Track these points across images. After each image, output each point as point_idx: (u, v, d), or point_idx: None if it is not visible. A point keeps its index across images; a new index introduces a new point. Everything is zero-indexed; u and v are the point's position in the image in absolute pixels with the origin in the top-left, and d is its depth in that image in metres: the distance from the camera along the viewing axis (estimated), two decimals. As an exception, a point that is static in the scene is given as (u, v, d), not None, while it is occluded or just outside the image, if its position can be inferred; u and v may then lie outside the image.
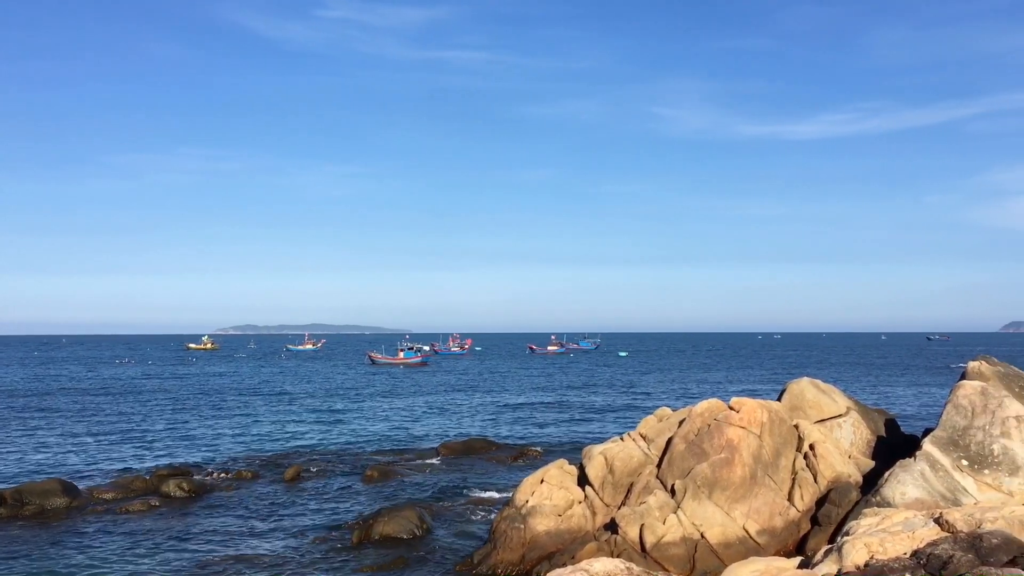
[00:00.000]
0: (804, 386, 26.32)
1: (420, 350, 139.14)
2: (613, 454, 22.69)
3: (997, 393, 23.32)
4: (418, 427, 50.29)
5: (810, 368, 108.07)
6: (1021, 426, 22.52)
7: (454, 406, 62.98)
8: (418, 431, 48.41)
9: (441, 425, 51.26)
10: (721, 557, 19.16)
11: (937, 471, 21.55)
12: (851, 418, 25.61)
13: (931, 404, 57.35)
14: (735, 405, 22.95)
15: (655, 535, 19.66)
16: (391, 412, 58.59)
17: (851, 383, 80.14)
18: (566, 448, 39.68)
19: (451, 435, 45.41)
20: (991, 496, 20.94)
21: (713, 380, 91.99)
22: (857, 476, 22.75)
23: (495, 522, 22.10)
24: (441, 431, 48.14)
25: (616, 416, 55.53)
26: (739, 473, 21.17)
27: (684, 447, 21.98)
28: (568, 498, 21.84)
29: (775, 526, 20.86)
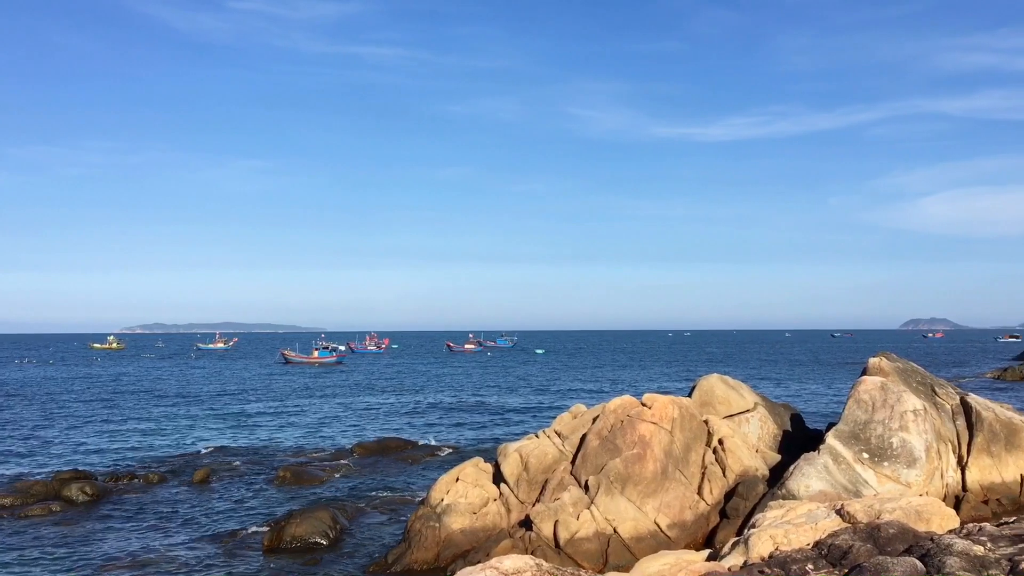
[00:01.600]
0: (714, 382, 26.92)
1: (336, 349, 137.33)
2: (528, 451, 22.80)
3: (896, 388, 24.25)
4: (332, 427, 49.65)
5: (720, 365, 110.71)
6: (918, 420, 23.47)
7: (370, 406, 62.39)
8: (332, 431, 47.79)
9: (356, 425, 50.72)
10: (633, 551, 19.44)
11: (839, 464, 22.30)
12: (759, 413, 26.28)
13: (835, 399, 59.28)
14: (647, 401, 23.32)
15: (569, 531, 19.84)
16: (305, 412, 57.70)
17: (759, 379, 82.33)
18: (482, 446, 39.72)
19: (366, 435, 44.96)
20: (890, 487, 21.77)
21: (626, 377, 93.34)
22: (764, 470, 23.36)
23: (410, 521, 21.97)
24: (356, 431, 47.63)
25: (532, 413, 55.85)
26: (651, 468, 21.52)
27: (598, 443, 22.23)
28: (483, 496, 21.86)
29: (685, 520, 21.27)
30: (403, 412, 57.80)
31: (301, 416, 55.27)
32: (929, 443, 22.98)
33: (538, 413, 55.73)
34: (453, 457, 36.23)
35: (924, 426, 23.17)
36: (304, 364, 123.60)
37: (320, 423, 51.48)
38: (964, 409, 25.71)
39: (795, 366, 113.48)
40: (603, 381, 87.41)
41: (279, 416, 55.31)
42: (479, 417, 54.44)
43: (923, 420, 23.30)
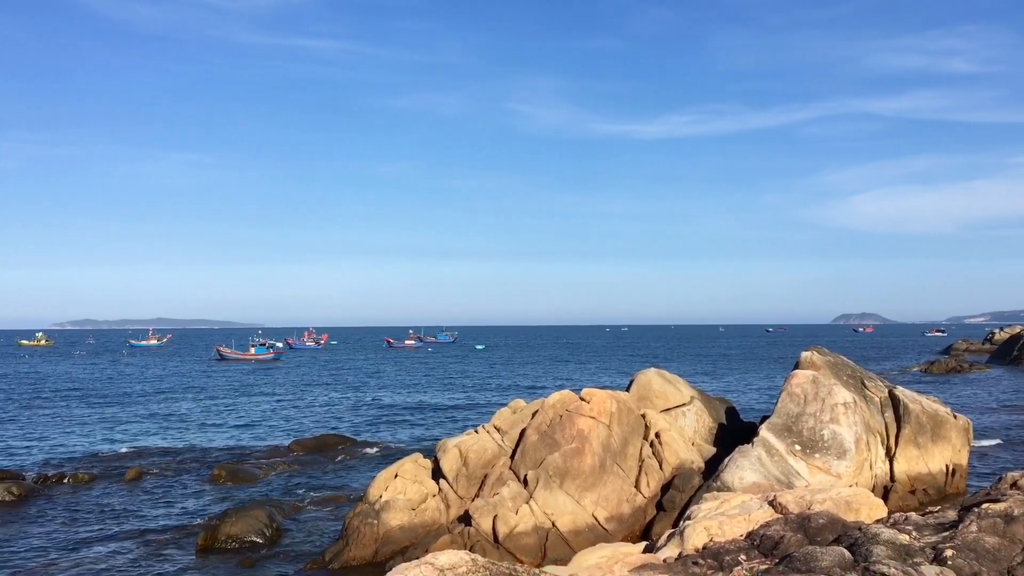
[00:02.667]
0: (651, 377, 27.23)
1: (273, 345, 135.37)
2: (467, 447, 22.79)
3: (827, 381, 24.82)
4: (269, 424, 48.96)
5: (657, 359, 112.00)
6: (848, 412, 24.06)
7: (308, 402, 61.68)
8: (269, 429, 47.13)
9: (294, 422, 50.09)
10: (571, 544, 19.57)
11: (773, 456, 22.75)
12: (695, 407, 26.67)
13: (769, 393, 60.43)
14: (586, 396, 23.49)
15: (508, 525, 19.88)
16: (241, 410, 56.78)
17: (695, 373, 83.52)
18: (422, 443, 39.57)
19: (304, 432, 44.42)
20: (821, 478, 22.28)
21: (565, 372, 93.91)
22: (700, 462, 23.71)
23: (348, 519, 21.78)
24: (294, 428, 47.03)
25: (472, 409, 55.83)
26: (589, 462, 21.67)
27: (537, 438, 22.31)
28: (422, 492, 21.78)
29: (623, 512, 21.48)
30: (342, 409, 57.27)
31: (237, 414, 54.38)
32: (859, 435, 23.57)
33: (478, 409, 55.72)
34: (392, 453, 36.02)
35: (854, 418, 23.76)
36: (240, 361, 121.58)
37: (257, 421, 50.73)
38: (892, 402, 26.44)
39: (731, 360, 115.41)
40: (542, 376, 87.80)
41: (214, 414, 54.34)
42: (419, 413, 54.23)
43: (853, 412, 23.89)
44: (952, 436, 26.28)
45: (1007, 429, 40.98)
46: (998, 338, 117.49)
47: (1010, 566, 9.83)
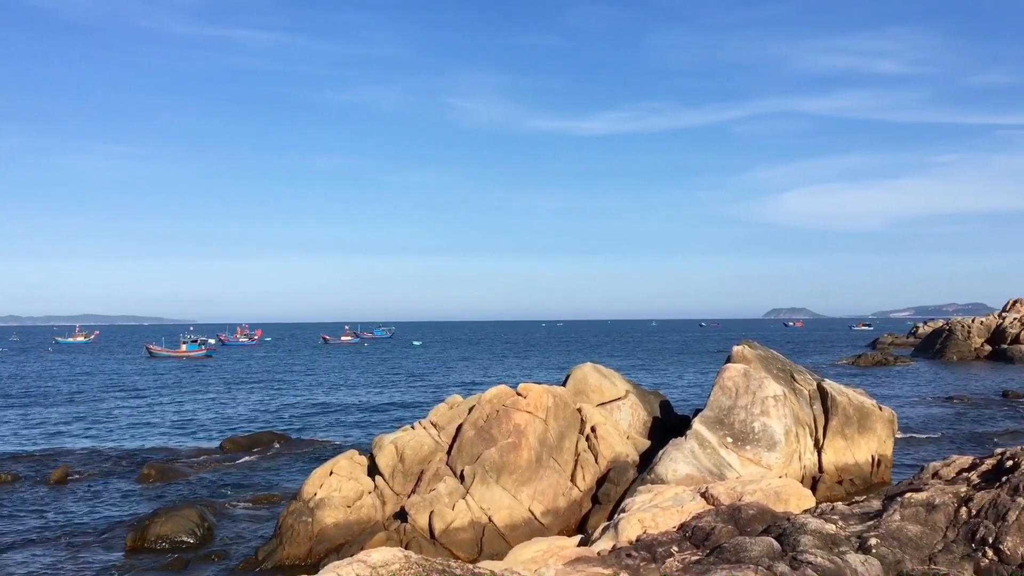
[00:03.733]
0: (587, 371, 27.42)
1: (205, 342, 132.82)
2: (404, 443, 22.67)
3: (758, 375, 25.30)
4: (201, 422, 48.02)
5: (593, 354, 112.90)
6: (778, 405, 24.57)
7: (241, 399, 60.68)
8: (201, 427, 46.23)
9: (226, 419, 49.22)
10: (507, 539, 19.61)
11: (705, 448, 23.11)
12: (630, 401, 26.93)
13: (702, 386, 61.37)
14: (522, 391, 23.56)
15: (444, 521, 19.84)
16: (171, 407, 55.58)
17: (630, 368, 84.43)
18: (358, 439, 39.26)
19: (237, 430, 43.69)
20: (752, 470, 22.72)
21: (502, 367, 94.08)
22: (634, 455, 23.97)
23: (281, 517, 21.48)
24: (226, 426, 46.22)
25: (409, 405, 55.58)
26: (526, 457, 21.74)
27: (473, 433, 22.31)
28: (358, 489, 21.60)
29: (559, 506, 21.61)
30: (276, 406, 56.48)
31: (168, 412, 53.22)
32: (788, 427, 24.08)
33: (415, 405, 55.48)
34: (327, 451, 35.64)
35: (784, 411, 24.27)
36: (171, 358, 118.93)
37: (188, 419, 49.71)
38: (820, 394, 27.06)
39: (665, 355, 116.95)
40: (479, 372, 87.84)
41: (144, 412, 53.08)
42: (354, 410, 53.79)
43: (783, 405, 24.40)
44: (878, 427, 27.01)
45: (930, 420, 42.31)
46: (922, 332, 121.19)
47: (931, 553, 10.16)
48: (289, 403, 58.06)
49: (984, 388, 57.86)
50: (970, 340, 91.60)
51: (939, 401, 50.50)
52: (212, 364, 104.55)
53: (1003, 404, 48.39)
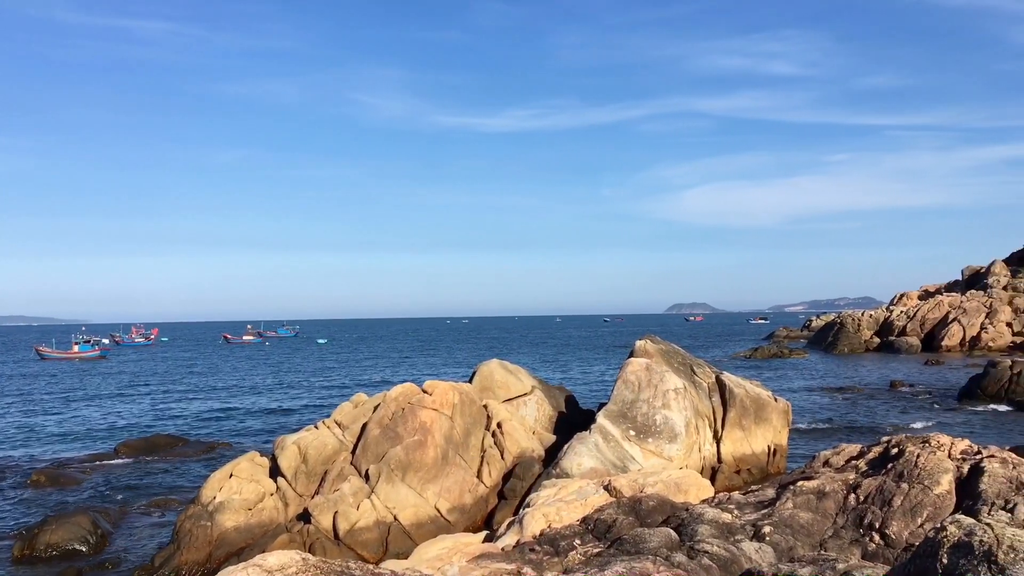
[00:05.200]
0: (493, 367, 27.50)
1: (98, 342, 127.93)
2: (307, 443, 22.31)
3: (659, 369, 25.82)
4: (94, 426, 46.21)
5: (498, 350, 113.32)
6: (679, 398, 25.13)
7: (137, 401, 58.65)
8: (94, 430, 44.49)
9: (121, 423, 47.49)
10: (413, 537, 19.51)
11: (609, 442, 23.46)
12: (535, 396, 27.13)
13: (606, 380, 62.27)
14: (428, 388, 23.47)
15: (349, 521, 19.62)
16: (63, 411, 53.31)
17: (536, 363, 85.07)
18: (260, 440, 38.44)
19: (132, 433, 42.22)
20: (654, 462, 23.17)
21: (408, 365, 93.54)
22: (540, 450, 24.16)
23: (179, 521, 20.87)
24: (121, 429, 44.59)
25: (314, 404, 54.70)
26: (432, 454, 21.67)
27: (379, 432, 22.11)
28: (259, 491, 21.16)
29: (465, 503, 21.61)
30: (174, 408, 54.80)
31: (59, 415, 51.03)
32: (689, 419, 24.66)
33: (319, 404, 54.65)
34: (228, 453, 34.81)
35: (684, 403, 24.85)
36: (62, 360, 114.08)
37: (81, 423, 47.76)
38: (719, 386, 27.79)
39: (570, 350, 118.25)
40: (385, 370, 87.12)
41: (33, 416, 50.76)
42: (256, 411, 52.64)
43: (683, 398, 24.97)
44: (773, 418, 27.89)
45: (823, 410, 43.94)
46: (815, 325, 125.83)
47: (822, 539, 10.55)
48: (188, 405, 56.41)
49: (873, 379, 60.40)
50: (860, 333, 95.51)
51: (831, 392, 52.48)
52: (106, 365, 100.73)
53: (890, 394, 50.62)
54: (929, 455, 12.34)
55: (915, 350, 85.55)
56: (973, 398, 45.02)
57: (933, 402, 45.81)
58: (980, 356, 73.76)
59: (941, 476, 11.90)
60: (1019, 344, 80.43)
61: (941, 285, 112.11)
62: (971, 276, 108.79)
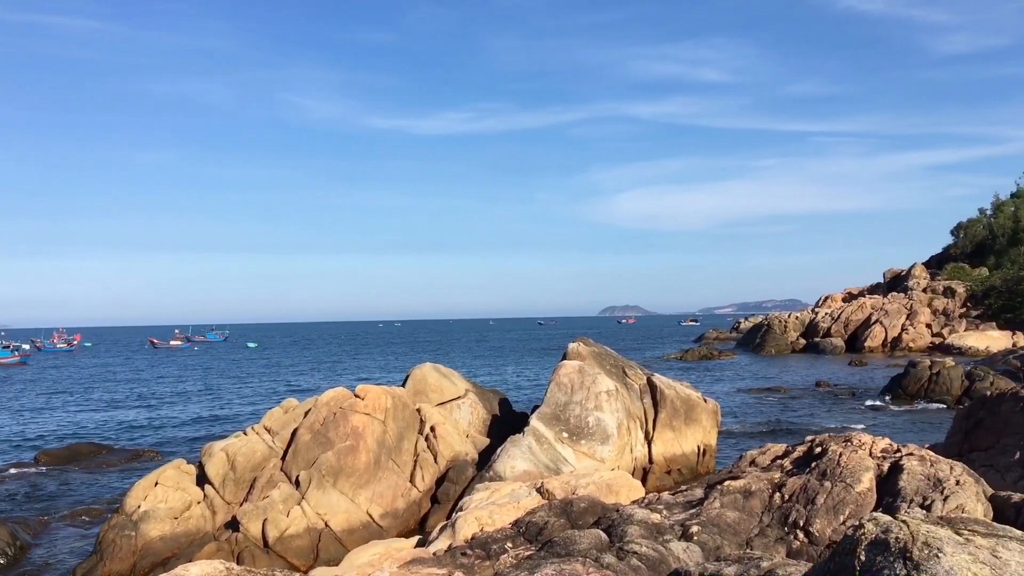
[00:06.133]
0: (427, 371, 27.41)
1: (18, 348, 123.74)
2: (235, 449, 21.91)
3: (592, 371, 26.04)
4: (13, 434, 44.64)
5: (432, 353, 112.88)
6: (611, 399, 25.37)
7: (59, 409, 56.86)
8: (14, 438, 42.97)
9: (42, 430, 45.98)
10: (344, 543, 19.32)
11: (542, 444, 23.57)
12: (469, 399, 27.12)
13: (540, 383, 62.51)
14: (360, 392, 23.27)
15: (278, 529, 19.32)
16: (-21, 419, 51.38)
17: (470, 366, 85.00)
18: (187, 448, 37.61)
19: (54, 441, 40.92)
20: (587, 464, 23.35)
21: (340, 369, 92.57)
22: (474, 454, 24.15)
23: (102, 531, 20.30)
24: (42, 437, 43.18)
25: (243, 410, 53.75)
26: (364, 459, 21.49)
27: (310, 437, 21.84)
28: (185, 499, 20.69)
29: (398, 508, 21.48)
30: (97, 415, 53.29)
31: (-26, 424, 49.15)
32: (620, 421, 24.92)
33: (248, 410, 53.73)
34: (154, 461, 33.97)
35: (616, 405, 25.10)
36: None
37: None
38: (650, 388, 28.14)
39: (504, 353, 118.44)
40: (316, 374, 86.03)
41: (-54, 425, 48.82)
42: (184, 417, 51.49)
43: (615, 399, 25.23)
44: (703, 419, 28.35)
45: (751, 410, 44.82)
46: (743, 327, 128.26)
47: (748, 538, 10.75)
48: (112, 412, 54.90)
49: (799, 379, 61.81)
50: (786, 334, 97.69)
51: (759, 392, 53.55)
52: (27, 372, 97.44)
53: (816, 394, 51.87)
54: (851, 454, 12.68)
55: (839, 351, 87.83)
56: (894, 397, 46.43)
57: (856, 402, 47.08)
58: (901, 356, 76.03)
59: (862, 474, 12.23)
60: (938, 345, 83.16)
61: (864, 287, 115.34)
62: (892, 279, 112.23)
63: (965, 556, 5.08)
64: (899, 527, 5.37)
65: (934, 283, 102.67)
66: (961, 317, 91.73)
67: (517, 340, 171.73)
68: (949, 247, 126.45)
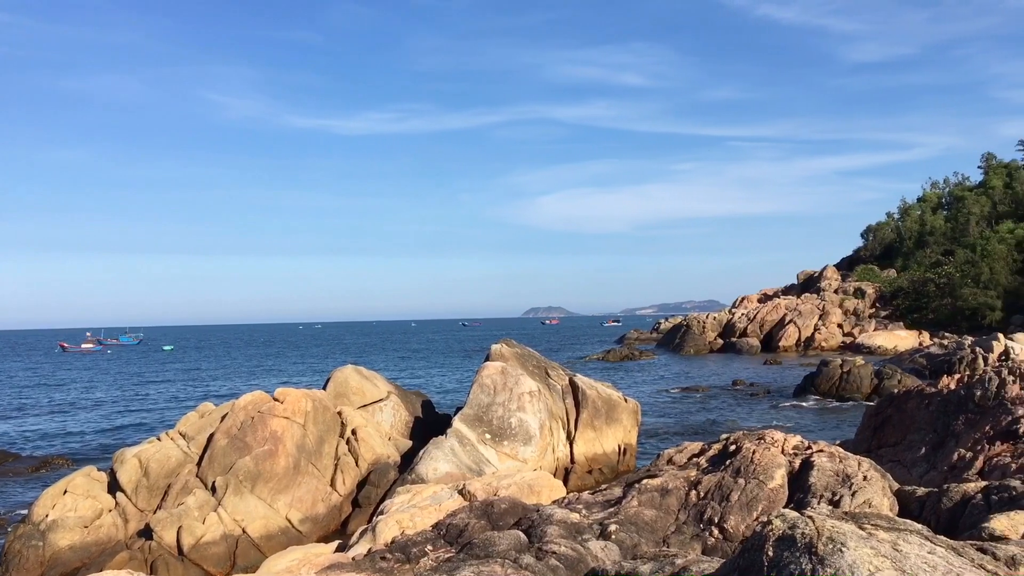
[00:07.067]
0: (348, 373, 27.15)
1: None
2: (148, 455, 21.33)
3: (515, 372, 26.15)
4: (-90, 443, 42.59)
5: (355, 356, 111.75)
6: (534, 400, 25.51)
7: (-40, 415, 54.48)
8: (-90, 447, 40.98)
9: (-58, 438, 43.97)
10: (263, 550, 19.00)
11: (465, 445, 23.56)
12: (391, 402, 26.96)
13: (464, 384, 62.45)
14: (279, 396, 22.91)
15: (194, 536, 18.89)
16: None
17: (394, 369, 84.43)
18: (99, 454, 36.44)
19: (-45, 449, 39.14)
20: (509, 464, 23.43)
21: (259, 372, 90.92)
22: (396, 456, 24.01)
23: (8, 542, 19.53)
24: (-59, 445, 41.27)
25: (158, 416, 52.35)
26: (283, 464, 21.17)
27: (226, 442, 21.41)
28: (96, 507, 20.07)
29: (318, 512, 21.22)
30: (4, 422, 51.25)
31: None
32: (543, 421, 25.08)
33: (164, 415, 52.36)
34: (63, 469, 32.81)
35: (539, 406, 25.25)
36: None
37: None
38: (572, 388, 28.41)
39: (428, 354, 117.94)
40: (235, 378, 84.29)
41: None
42: (95, 423, 49.88)
43: (538, 400, 25.38)
44: (624, 418, 28.73)
45: (670, 409, 45.59)
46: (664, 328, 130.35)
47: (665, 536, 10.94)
48: (19, 418, 52.86)
49: (717, 378, 63.13)
50: (704, 334, 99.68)
51: (678, 391, 54.50)
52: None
53: (732, 392, 53.05)
54: (764, 451, 13.02)
55: (755, 350, 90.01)
56: (807, 395, 47.82)
57: (771, 400, 48.31)
58: (814, 355, 78.30)
59: (775, 471, 12.57)
60: (849, 344, 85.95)
61: (779, 289, 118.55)
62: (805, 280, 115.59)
63: (867, 550, 5.27)
64: (805, 523, 5.54)
65: (845, 284, 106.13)
66: (870, 317, 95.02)
67: (441, 342, 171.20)
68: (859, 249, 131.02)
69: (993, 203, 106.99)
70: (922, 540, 5.86)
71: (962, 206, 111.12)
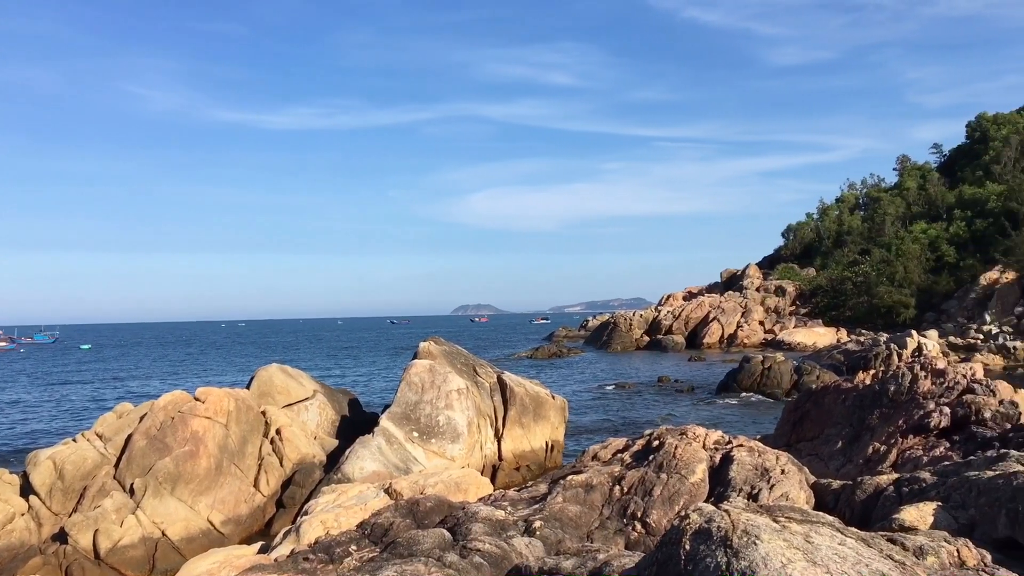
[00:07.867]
0: (273, 372, 26.77)
1: None
2: (63, 457, 20.69)
3: (443, 369, 26.12)
4: None
5: (280, 354, 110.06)
6: (462, 398, 25.52)
7: None
8: None
9: None
10: (183, 552, 18.61)
11: (392, 444, 23.45)
12: (317, 400, 26.66)
13: (392, 383, 62.04)
14: (201, 396, 22.46)
15: (111, 539, 18.40)
16: None
17: (321, 367, 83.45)
18: (11, 457, 35.20)
19: None
20: (437, 463, 23.40)
21: (181, 371, 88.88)
22: (322, 456, 23.76)
23: (-89, 551, 18.75)
24: None
25: (74, 416, 50.78)
26: (204, 465, 20.77)
27: (145, 443, 20.91)
28: (8, 511, 19.39)
29: (240, 514, 20.88)
30: (-93, 423, 49.04)
31: None
32: (471, 419, 25.11)
33: (81, 415, 50.83)
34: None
35: (466, 403, 25.27)
36: None
37: None
38: (500, 386, 28.50)
39: (356, 353, 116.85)
40: (154, 378, 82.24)
41: None
42: (8, 425, 48.15)
43: (466, 398, 25.40)
44: (551, 415, 28.94)
45: (597, 406, 46.05)
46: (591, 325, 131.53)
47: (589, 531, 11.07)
48: (-76, 420, 50.65)
49: (642, 375, 63.98)
50: (631, 332, 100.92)
51: (605, 388, 55.08)
52: None
53: (657, 389, 53.86)
54: (686, 446, 13.27)
55: (680, 347, 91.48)
56: (729, 391, 48.82)
57: (695, 396, 49.20)
58: (736, 352, 79.90)
59: (696, 466, 12.83)
60: (770, 341, 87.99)
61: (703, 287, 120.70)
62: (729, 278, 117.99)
63: (780, 542, 5.43)
64: (721, 516, 5.68)
65: (766, 283, 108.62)
66: (791, 315, 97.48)
67: (368, 339, 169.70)
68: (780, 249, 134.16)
69: (907, 204, 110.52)
70: (833, 532, 6.05)
71: (878, 207, 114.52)
